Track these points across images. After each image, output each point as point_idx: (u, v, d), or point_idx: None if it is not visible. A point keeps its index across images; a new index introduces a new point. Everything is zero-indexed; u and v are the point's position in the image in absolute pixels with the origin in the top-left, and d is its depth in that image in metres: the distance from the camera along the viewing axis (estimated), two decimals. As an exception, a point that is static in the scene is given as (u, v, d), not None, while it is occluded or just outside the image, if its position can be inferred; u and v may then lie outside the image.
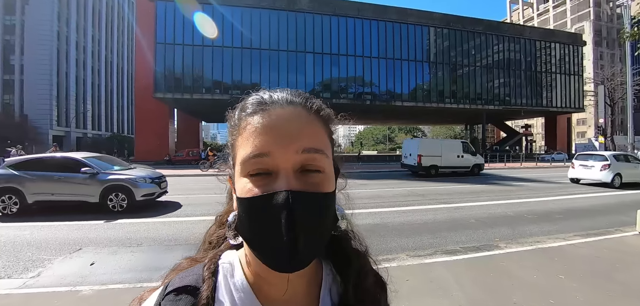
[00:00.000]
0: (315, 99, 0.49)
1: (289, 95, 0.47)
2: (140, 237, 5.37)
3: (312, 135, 0.44)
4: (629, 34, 8.29)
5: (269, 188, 0.41)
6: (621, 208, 8.05)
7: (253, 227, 0.42)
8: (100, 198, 7.25)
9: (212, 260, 0.50)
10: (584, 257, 4.22)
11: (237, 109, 0.49)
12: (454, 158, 17.65)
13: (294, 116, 0.45)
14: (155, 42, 29.21)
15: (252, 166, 0.42)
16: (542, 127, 53.84)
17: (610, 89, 42.89)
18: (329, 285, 0.51)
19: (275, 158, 0.42)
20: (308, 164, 0.43)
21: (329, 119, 0.50)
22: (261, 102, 0.46)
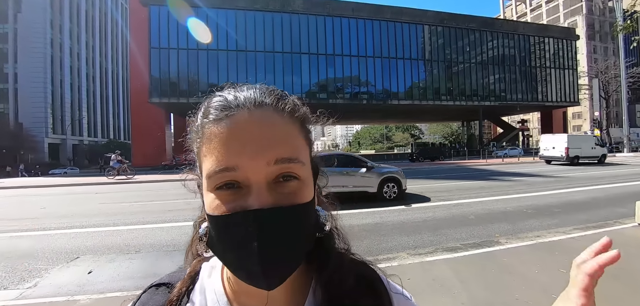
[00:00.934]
0: (289, 96, 0.44)
1: (258, 95, 0.41)
2: (138, 243, 5.31)
3: (285, 142, 0.40)
4: (622, 26, 8.34)
5: (239, 205, 0.37)
6: (618, 199, 8.09)
7: (224, 247, 0.39)
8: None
9: (196, 264, 0.50)
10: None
11: (199, 113, 0.43)
12: (589, 149, 20.92)
13: (264, 120, 0.39)
14: (150, 47, 29.14)
15: (218, 180, 0.38)
16: (538, 122, 54.17)
17: (604, 82, 43.31)
18: (314, 288, 0.47)
19: (244, 171, 0.37)
20: (282, 174, 0.39)
21: (305, 119, 0.45)
22: (225, 106, 0.40)
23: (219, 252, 0.40)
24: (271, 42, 31.73)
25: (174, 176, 19.41)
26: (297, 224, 0.39)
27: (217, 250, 0.41)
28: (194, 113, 0.46)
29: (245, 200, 0.37)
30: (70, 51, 49.66)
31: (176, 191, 12.57)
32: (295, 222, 0.39)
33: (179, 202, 9.61)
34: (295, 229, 0.39)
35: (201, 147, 0.41)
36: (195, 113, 0.45)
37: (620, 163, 20.82)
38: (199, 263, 0.50)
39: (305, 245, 0.41)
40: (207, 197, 0.39)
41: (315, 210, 0.44)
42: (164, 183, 16.46)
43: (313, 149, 0.47)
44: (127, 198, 10.77)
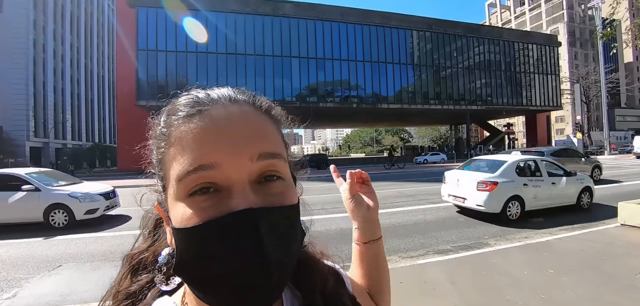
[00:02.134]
0: (263, 97, 0.40)
1: (232, 92, 0.38)
2: (125, 250, 5.04)
3: (266, 137, 0.35)
4: (602, 34, 8.65)
5: (222, 209, 0.31)
6: (602, 200, 8.33)
7: (203, 267, 0.31)
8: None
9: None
10: (571, 251, 4.32)
11: (164, 114, 0.38)
12: None
13: (242, 115, 0.35)
14: (137, 49, 28.62)
15: (194, 182, 0.32)
16: (523, 125, 55.53)
17: (585, 87, 44.81)
18: (290, 290, 0.44)
19: (224, 170, 0.32)
20: (267, 172, 0.34)
21: (281, 120, 0.41)
22: (197, 102, 0.35)
23: (195, 276, 0.32)
24: (261, 46, 31.62)
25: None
26: (290, 228, 0.35)
27: (191, 274, 0.33)
28: (155, 116, 0.40)
29: (227, 204, 0.31)
30: (54, 53, 48.24)
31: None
32: (289, 225, 0.34)
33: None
34: (290, 233, 0.34)
35: (167, 151, 0.35)
36: (157, 116, 0.40)
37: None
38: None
39: (296, 256, 0.36)
40: (176, 208, 0.33)
41: (300, 218, 0.39)
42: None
43: (290, 152, 0.43)
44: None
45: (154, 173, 0.39)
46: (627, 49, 65.62)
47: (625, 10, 9.35)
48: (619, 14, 7.99)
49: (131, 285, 0.42)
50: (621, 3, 7.52)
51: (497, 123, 51.79)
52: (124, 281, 0.43)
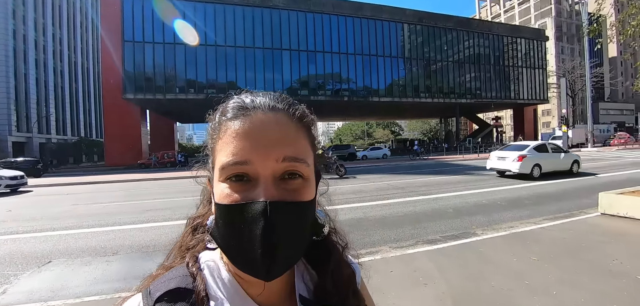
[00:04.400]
0: (299, 104, 0.49)
1: (272, 100, 0.46)
2: (115, 245, 5.13)
3: (293, 143, 0.44)
4: (589, 29, 8.89)
5: (248, 196, 0.40)
6: (583, 192, 8.64)
7: (229, 235, 0.41)
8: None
9: (193, 259, 0.48)
10: (554, 239, 4.50)
11: (218, 112, 0.48)
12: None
13: (275, 122, 0.44)
14: (123, 41, 27.91)
15: (231, 172, 0.41)
16: (511, 118, 56.59)
17: (570, 82, 45.79)
18: (301, 271, 0.52)
19: (254, 166, 0.41)
20: (288, 171, 0.42)
21: (312, 125, 0.50)
22: (242, 107, 0.45)
23: (222, 240, 0.43)
24: (251, 38, 31.19)
25: (152, 175, 18.81)
26: (298, 220, 0.42)
27: (221, 238, 0.43)
28: (212, 112, 0.50)
29: (253, 192, 0.41)
30: (35, 43, 46.51)
31: (154, 190, 12.20)
32: (296, 217, 0.42)
33: (157, 202, 9.35)
34: (296, 224, 0.42)
35: (216, 142, 0.45)
36: (214, 113, 0.49)
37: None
38: (193, 260, 0.48)
39: (304, 243, 0.44)
40: (218, 187, 0.43)
41: (315, 212, 0.47)
42: (141, 182, 15.91)
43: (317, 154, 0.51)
44: (101, 199, 10.33)
45: (208, 155, 0.49)
46: (612, 44, 67.25)
47: (610, 6, 9.70)
48: (605, 10, 8.21)
49: (191, 240, 0.53)
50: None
51: (486, 116, 52.62)
52: (187, 237, 0.54)
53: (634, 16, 7.20)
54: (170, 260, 0.53)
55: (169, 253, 0.55)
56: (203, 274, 0.46)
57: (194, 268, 0.46)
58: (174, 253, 0.54)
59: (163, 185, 14.01)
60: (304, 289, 0.50)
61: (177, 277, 0.45)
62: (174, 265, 0.50)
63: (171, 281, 0.44)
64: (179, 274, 0.46)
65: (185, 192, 10.45)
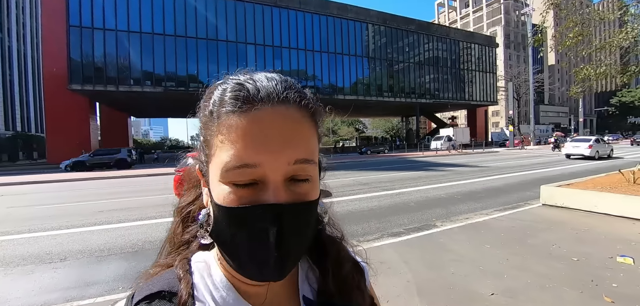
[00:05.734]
0: (307, 92, 0.44)
1: (280, 87, 0.40)
2: (63, 250, 4.67)
3: (305, 143, 0.40)
4: (534, 39, 9.82)
5: (255, 199, 0.37)
6: (526, 185, 9.54)
7: (236, 239, 0.38)
8: None
9: (183, 260, 0.45)
10: (503, 228, 4.93)
11: (216, 99, 0.41)
12: None
13: (287, 118, 0.39)
14: (68, 25, 25.26)
15: (238, 176, 0.37)
16: (465, 118, 60.61)
17: (516, 86, 50.26)
18: (305, 271, 0.50)
19: (265, 169, 0.37)
20: (298, 175, 0.39)
21: (320, 116, 0.45)
22: (247, 98, 0.38)
23: (227, 244, 0.40)
24: (214, 29, 29.98)
25: (103, 174, 17.39)
26: (307, 221, 0.40)
27: (225, 242, 0.40)
28: (205, 94, 0.44)
29: (262, 195, 0.37)
30: (-43, 24, 40.72)
31: (107, 189, 11.30)
32: (306, 218, 0.40)
33: (110, 202, 8.69)
34: (306, 225, 0.40)
35: (214, 136, 0.40)
36: (208, 95, 0.43)
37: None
38: (186, 257, 0.46)
39: (310, 239, 0.43)
40: (218, 188, 0.38)
41: (318, 209, 0.45)
42: (91, 181, 14.67)
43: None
44: (44, 200, 9.36)
45: (198, 140, 0.45)
46: (551, 53, 74.81)
47: (551, 19, 10.89)
48: (547, 22, 9.12)
49: (184, 234, 0.50)
50: (549, 12, 8.58)
51: (443, 116, 55.80)
52: (177, 229, 0.51)
53: (571, 29, 8.08)
54: (163, 258, 0.50)
55: (161, 248, 0.52)
56: (190, 277, 0.43)
57: (181, 271, 0.43)
58: (167, 249, 0.51)
59: (117, 184, 13.03)
60: (308, 290, 0.48)
61: (164, 280, 0.42)
62: (168, 262, 0.47)
63: (157, 284, 0.42)
64: (168, 276, 0.43)
65: (142, 191, 9.84)
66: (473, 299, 2.81)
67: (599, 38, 10.26)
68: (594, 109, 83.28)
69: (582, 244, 4.11)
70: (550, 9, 8.57)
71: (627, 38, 7.29)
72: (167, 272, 0.45)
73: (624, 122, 72.99)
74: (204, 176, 0.44)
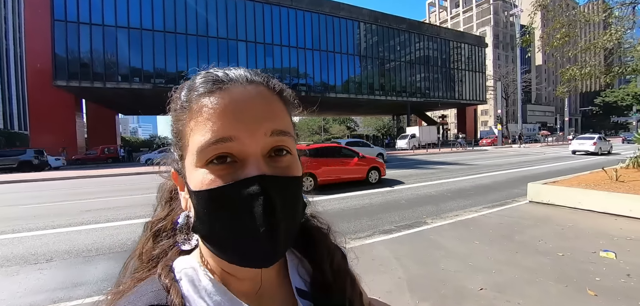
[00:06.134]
0: (276, 79, 0.45)
1: (248, 73, 0.42)
2: (49, 250, 4.57)
3: (279, 116, 0.40)
4: (523, 40, 10.02)
5: (237, 177, 0.36)
6: (514, 182, 9.73)
7: (219, 224, 0.36)
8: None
9: (166, 268, 0.42)
10: (492, 224, 5.03)
11: (185, 89, 0.41)
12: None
13: (257, 95, 0.39)
14: (53, 20, 24.54)
15: (213, 152, 0.36)
16: (455, 117, 61.41)
17: (505, 85, 51.15)
18: (295, 265, 0.49)
19: (241, 143, 0.36)
20: (277, 147, 0.39)
21: (291, 102, 0.45)
22: (217, 80, 0.39)
23: (213, 232, 0.37)
24: (204, 26, 29.55)
25: (90, 172, 17.02)
26: (294, 195, 0.39)
27: (210, 231, 0.37)
28: (175, 91, 0.44)
29: (242, 172, 0.36)
30: None
31: (94, 188, 11.07)
32: (293, 193, 0.39)
33: (98, 201, 8.52)
34: (294, 200, 0.39)
35: (187, 123, 0.39)
36: (178, 91, 0.43)
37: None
38: (166, 270, 0.42)
39: (299, 221, 0.41)
40: (196, 174, 0.37)
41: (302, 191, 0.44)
42: (77, 180, 14.34)
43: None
44: (27, 199, 9.12)
45: (172, 143, 0.44)
46: (539, 53, 76.33)
47: (539, 20, 11.17)
48: (535, 23, 9.32)
49: (154, 248, 0.47)
50: (537, 14, 8.77)
51: (433, 114, 56.41)
52: (147, 244, 0.48)
53: (558, 30, 8.27)
54: (128, 274, 0.46)
55: (126, 264, 0.47)
56: (179, 285, 0.40)
57: (167, 280, 0.40)
58: (133, 266, 0.47)
59: (104, 183, 12.77)
60: (300, 282, 0.47)
61: (149, 293, 0.38)
62: (141, 276, 0.44)
63: (141, 298, 0.38)
64: (152, 289, 0.39)
65: (132, 190, 9.67)
66: (463, 294, 2.86)
67: (584, 39, 10.53)
68: (579, 109, 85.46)
69: (567, 239, 4.23)
70: (538, 11, 8.75)
71: (611, 40, 7.51)
72: (146, 284, 0.41)
73: (607, 122, 75.09)
74: (180, 175, 0.42)
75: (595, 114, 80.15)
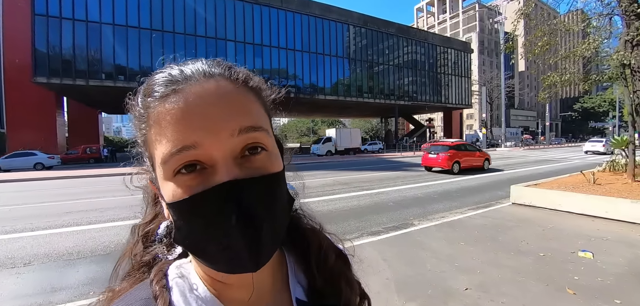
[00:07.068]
0: (240, 67, 0.40)
1: (205, 66, 0.37)
2: (27, 254, 4.40)
3: (245, 111, 0.36)
4: (506, 46, 10.32)
5: (208, 184, 0.33)
6: (498, 185, 9.99)
7: (197, 234, 0.34)
8: None
9: (159, 273, 0.40)
10: (476, 226, 5.15)
11: (140, 95, 0.38)
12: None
13: (217, 91, 0.35)
14: (33, 14, 23.65)
15: (177, 163, 0.33)
16: (441, 120, 62.56)
17: (489, 90, 52.52)
18: (293, 268, 0.46)
19: (206, 148, 0.33)
20: (250, 145, 0.35)
21: (261, 88, 0.41)
22: (171, 81, 0.35)
23: (191, 243, 0.36)
24: (192, 24, 29.13)
25: (72, 172, 16.48)
26: (272, 196, 0.36)
27: (189, 242, 0.36)
28: (133, 96, 0.40)
29: (213, 180, 0.33)
30: None
31: (75, 189, 10.72)
32: (271, 193, 0.36)
33: (79, 202, 8.26)
34: (271, 201, 0.36)
35: (148, 133, 0.36)
36: (134, 96, 0.39)
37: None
38: (158, 277, 0.40)
39: (284, 219, 0.39)
40: (166, 187, 0.35)
41: (286, 186, 0.41)
42: (58, 180, 13.87)
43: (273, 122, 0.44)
44: (2, 200, 8.75)
45: (141, 151, 0.40)
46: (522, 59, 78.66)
47: (522, 28, 11.53)
48: (518, 30, 9.62)
49: (144, 254, 0.44)
50: (520, 22, 9.07)
51: (421, 117, 57.30)
52: (137, 249, 0.45)
53: (539, 38, 8.56)
54: (119, 281, 0.44)
55: (115, 267, 0.45)
56: (169, 294, 0.38)
57: (157, 287, 0.38)
58: (125, 269, 0.45)
59: (86, 183, 12.40)
60: (300, 291, 0.45)
61: (138, 301, 0.37)
62: (122, 288, 0.42)
63: (130, 305, 0.37)
64: (141, 296, 0.38)
65: (115, 191, 9.41)
66: (449, 294, 2.92)
67: (564, 48, 10.94)
68: (559, 114, 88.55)
69: (548, 240, 4.38)
70: (521, 19, 9.04)
71: (589, 49, 7.82)
72: (137, 290, 0.39)
73: (585, 127, 78.07)
74: (155, 184, 0.38)
75: (574, 120, 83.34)
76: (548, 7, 17.79)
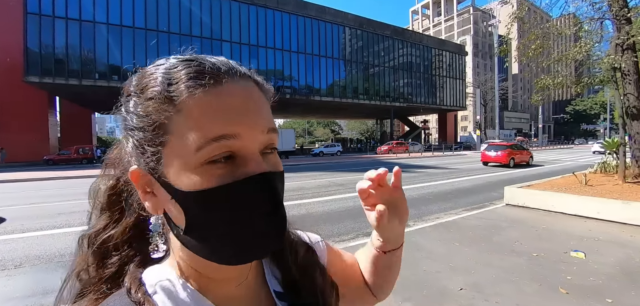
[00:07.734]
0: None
1: (238, 66, 0.39)
2: (18, 256, 4.33)
3: (268, 113, 0.40)
4: (501, 49, 10.44)
5: (239, 174, 0.34)
6: (492, 186, 10.09)
7: (225, 223, 0.35)
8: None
9: (135, 281, 0.39)
10: (471, 226, 5.18)
11: (163, 76, 0.36)
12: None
13: (251, 91, 0.38)
14: (26, 12, 23.33)
15: (215, 150, 0.33)
16: (436, 122, 63.01)
17: (483, 92, 53.03)
18: (268, 263, 0.49)
19: (243, 140, 0.35)
20: (270, 144, 0.38)
21: (270, 93, 0.43)
22: (211, 72, 0.35)
23: (209, 235, 0.36)
24: (188, 24, 28.98)
25: (64, 173, 16.25)
26: (283, 189, 0.40)
27: (205, 234, 0.36)
28: (143, 76, 0.39)
29: (242, 170, 0.35)
30: None
31: (67, 190, 10.58)
32: (283, 187, 0.40)
33: (72, 203, 8.15)
34: (283, 193, 0.40)
35: (172, 117, 0.35)
36: (148, 76, 0.38)
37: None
38: (136, 284, 0.38)
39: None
40: (189, 177, 0.34)
41: None
42: (50, 181, 13.68)
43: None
44: (-6, 200, 8.59)
45: (135, 137, 0.38)
46: (515, 62, 79.64)
47: (516, 31, 11.71)
48: (512, 34, 9.75)
49: (106, 267, 0.42)
50: (514, 25, 9.20)
51: (416, 119, 57.66)
52: (89, 263, 0.42)
53: (533, 41, 8.68)
54: (70, 303, 0.41)
55: (61, 289, 0.42)
56: (154, 300, 0.37)
57: (139, 294, 0.37)
58: (77, 288, 0.41)
59: (79, 184, 12.24)
60: (275, 284, 0.47)
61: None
62: (97, 300, 0.39)
63: None
64: (117, 304, 0.36)
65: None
66: (444, 294, 2.94)
67: (557, 51, 11.10)
68: (552, 116, 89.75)
69: (541, 241, 4.43)
70: (515, 22, 9.16)
71: (580, 52, 7.94)
72: (114, 299, 0.38)
73: (577, 129, 79.20)
74: (152, 175, 0.37)
75: (567, 122, 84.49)
76: (541, 11, 18.08)
